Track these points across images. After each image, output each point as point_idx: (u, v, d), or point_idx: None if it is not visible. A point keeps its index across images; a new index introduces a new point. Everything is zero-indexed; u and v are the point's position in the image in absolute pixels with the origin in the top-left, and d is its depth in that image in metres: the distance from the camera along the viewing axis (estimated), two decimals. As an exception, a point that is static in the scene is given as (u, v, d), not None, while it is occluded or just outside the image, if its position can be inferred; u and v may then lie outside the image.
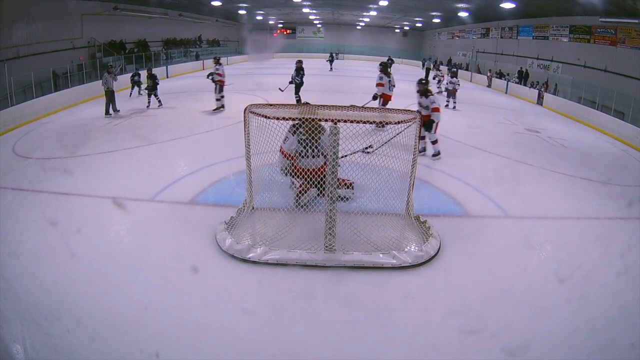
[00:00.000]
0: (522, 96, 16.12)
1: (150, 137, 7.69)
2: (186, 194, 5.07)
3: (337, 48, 31.95)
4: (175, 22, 21.10)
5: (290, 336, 2.91)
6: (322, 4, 23.49)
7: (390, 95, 7.73)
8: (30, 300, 3.14)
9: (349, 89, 13.78)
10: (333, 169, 3.59)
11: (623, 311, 3.27)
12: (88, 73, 13.10)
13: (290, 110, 4.01)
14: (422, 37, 32.26)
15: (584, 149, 8.87)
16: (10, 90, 9.52)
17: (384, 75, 7.64)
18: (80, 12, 13.93)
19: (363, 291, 3.41)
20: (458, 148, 7.81)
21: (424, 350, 2.83)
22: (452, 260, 3.84)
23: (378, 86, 7.68)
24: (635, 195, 6.05)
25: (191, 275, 3.54)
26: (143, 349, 2.72)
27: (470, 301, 3.31)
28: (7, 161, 6.50)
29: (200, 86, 14.69)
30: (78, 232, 4.13)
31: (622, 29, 12.75)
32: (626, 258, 4.12)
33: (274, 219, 4.17)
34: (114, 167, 6.19)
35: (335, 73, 18.41)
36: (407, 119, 3.88)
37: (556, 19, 16.06)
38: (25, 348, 2.47)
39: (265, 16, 28.61)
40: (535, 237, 4.53)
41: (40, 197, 5.06)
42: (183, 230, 4.23)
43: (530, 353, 2.80)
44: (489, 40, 21.83)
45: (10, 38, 10.80)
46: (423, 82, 6.58)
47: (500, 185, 5.65)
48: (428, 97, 6.49)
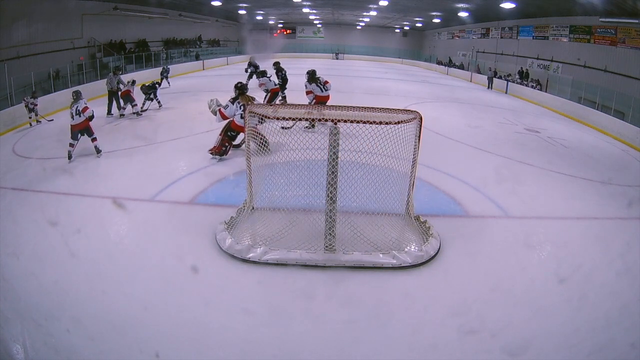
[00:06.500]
0: (522, 96, 16.13)
1: (151, 137, 7.69)
2: (186, 194, 5.07)
3: (337, 48, 31.97)
4: (175, 22, 21.09)
5: (290, 336, 2.91)
6: (322, 4, 23.49)
7: (325, 96, 7.99)
8: (30, 300, 3.14)
9: (349, 89, 13.78)
10: (333, 169, 3.60)
11: (623, 311, 3.27)
12: (88, 73, 13.11)
13: (290, 110, 4.01)
14: (422, 37, 32.24)
15: (584, 149, 8.87)
16: (10, 90, 9.53)
17: (307, 83, 8.04)
18: (80, 12, 13.93)
19: (363, 291, 3.41)
20: (458, 148, 7.81)
21: (424, 350, 2.83)
22: (452, 260, 3.84)
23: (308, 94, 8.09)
24: (635, 195, 6.05)
25: (191, 275, 3.55)
26: (143, 349, 2.72)
27: (470, 301, 3.31)
28: (7, 161, 6.50)
29: (200, 86, 14.74)
30: (78, 232, 4.13)
31: (622, 29, 12.74)
32: (626, 258, 4.12)
33: (274, 219, 4.17)
34: (114, 167, 6.19)
35: (335, 73, 18.42)
36: (407, 119, 3.88)
37: (556, 19, 16.05)
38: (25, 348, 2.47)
39: (265, 16, 28.60)
40: (535, 237, 4.53)
41: (40, 197, 5.07)
42: (183, 230, 4.23)
43: (530, 353, 2.80)
44: (489, 40, 21.83)
45: (10, 38, 10.80)
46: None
47: (500, 185, 5.66)
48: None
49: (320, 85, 7.90)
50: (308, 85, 7.97)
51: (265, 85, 8.83)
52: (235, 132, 6.32)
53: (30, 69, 10.55)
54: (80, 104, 6.28)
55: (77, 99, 6.33)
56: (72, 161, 6.30)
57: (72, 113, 6.27)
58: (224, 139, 6.33)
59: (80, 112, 6.24)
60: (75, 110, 6.25)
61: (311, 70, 8.11)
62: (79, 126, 6.31)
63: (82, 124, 6.32)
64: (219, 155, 6.29)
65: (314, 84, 7.90)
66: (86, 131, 6.43)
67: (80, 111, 6.23)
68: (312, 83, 7.93)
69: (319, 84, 7.90)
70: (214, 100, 6.94)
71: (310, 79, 7.95)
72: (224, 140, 6.33)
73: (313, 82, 7.91)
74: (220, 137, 6.37)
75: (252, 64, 12.57)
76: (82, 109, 6.24)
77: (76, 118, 6.24)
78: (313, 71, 8.06)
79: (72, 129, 6.31)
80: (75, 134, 6.33)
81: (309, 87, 7.96)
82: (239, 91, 6.43)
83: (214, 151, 6.31)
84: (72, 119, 6.28)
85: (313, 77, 7.93)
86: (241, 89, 6.46)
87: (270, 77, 9.08)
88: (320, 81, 7.92)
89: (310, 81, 7.94)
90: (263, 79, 8.94)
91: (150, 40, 18.76)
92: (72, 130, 6.31)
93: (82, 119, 6.27)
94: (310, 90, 7.97)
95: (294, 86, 10.47)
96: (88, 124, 6.38)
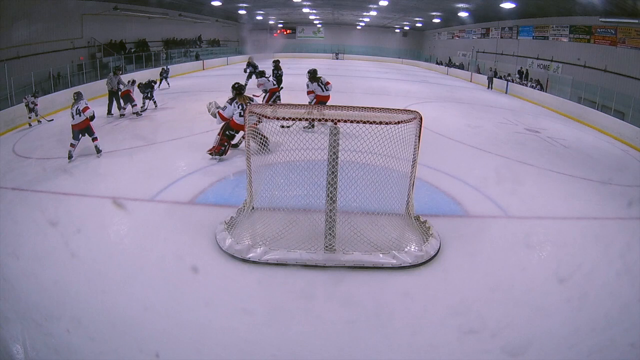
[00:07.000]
0: (522, 96, 16.14)
1: (151, 137, 7.69)
2: (186, 194, 5.07)
3: (337, 48, 31.98)
4: (175, 22, 21.10)
5: (290, 336, 2.91)
6: (322, 4, 23.50)
7: (326, 96, 7.99)
8: (30, 300, 3.14)
9: (349, 89, 13.78)
10: (333, 169, 3.60)
11: (623, 311, 3.27)
12: (88, 73, 13.11)
13: (290, 110, 4.01)
14: (422, 37, 32.25)
15: (584, 149, 8.87)
16: (10, 90, 9.53)
17: (309, 83, 8.04)
18: (80, 12, 13.93)
19: (363, 291, 3.41)
20: (458, 148, 7.81)
21: (424, 350, 2.83)
22: (452, 260, 3.84)
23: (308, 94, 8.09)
24: (635, 195, 6.05)
25: (191, 275, 3.55)
26: (143, 349, 2.72)
27: (470, 301, 3.31)
28: (7, 161, 6.51)
29: (200, 86, 14.74)
30: (78, 232, 4.13)
31: (622, 29, 12.75)
32: (626, 258, 4.13)
33: (274, 219, 4.17)
34: (114, 167, 6.19)
35: (335, 73, 18.43)
36: (407, 119, 3.88)
37: (556, 19, 16.06)
38: (25, 348, 2.47)
39: (265, 16, 28.61)
40: (535, 237, 4.53)
41: (40, 197, 5.07)
42: (183, 230, 4.23)
43: (530, 353, 2.80)
44: (489, 40, 21.84)
45: (10, 38, 10.81)
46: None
47: (500, 185, 5.66)
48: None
49: (322, 85, 7.90)
50: (310, 85, 7.96)
51: (263, 86, 8.84)
52: (234, 131, 6.34)
53: (30, 69, 10.56)
54: (80, 104, 6.29)
55: (77, 99, 6.35)
56: (72, 161, 6.30)
57: (73, 113, 6.28)
58: (222, 139, 6.35)
59: (81, 111, 6.25)
60: (75, 110, 6.26)
61: (312, 69, 8.09)
62: (79, 126, 6.32)
63: (83, 123, 6.33)
64: (218, 155, 6.31)
65: (316, 84, 7.89)
66: (87, 131, 6.44)
67: (80, 111, 6.24)
68: (313, 82, 7.92)
69: (320, 83, 7.90)
70: (213, 103, 6.97)
71: (311, 78, 7.94)
72: (223, 139, 6.34)
73: (315, 82, 7.90)
74: (219, 137, 6.39)
75: (251, 64, 12.58)
76: (82, 109, 6.25)
77: (76, 118, 6.25)
78: (314, 70, 8.04)
79: (73, 128, 6.32)
80: (76, 134, 6.34)
81: (311, 86, 7.95)
82: (236, 91, 6.47)
83: (213, 151, 6.32)
84: (72, 118, 6.29)
85: (315, 77, 7.92)
86: (238, 89, 6.50)
87: (269, 78, 9.09)
88: (322, 81, 7.92)
89: (312, 80, 7.92)
90: (261, 79, 8.95)
91: (150, 40, 18.76)
92: (73, 130, 6.33)
93: (83, 118, 6.27)
94: (311, 90, 7.96)
95: (294, 86, 10.48)
96: (89, 124, 6.39)
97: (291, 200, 4.30)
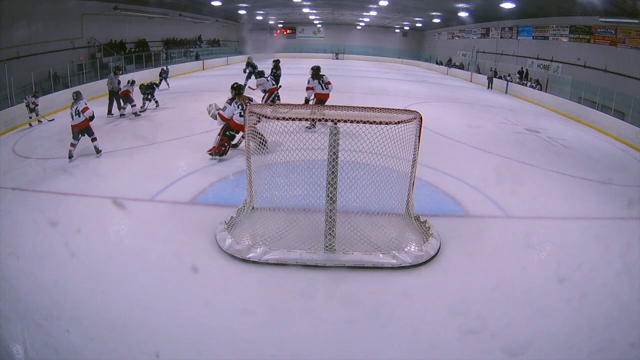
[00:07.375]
0: (522, 96, 16.14)
1: (151, 137, 7.69)
2: (186, 194, 5.07)
3: (337, 48, 31.97)
4: (175, 22, 21.10)
5: (290, 336, 2.91)
6: (322, 4, 23.49)
7: (325, 95, 7.98)
8: (30, 300, 3.14)
9: (349, 89, 13.78)
10: (333, 169, 3.60)
11: (623, 311, 3.27)
12: (88, 73, 13.11)
13: (289, 110, 4.01)
14: (422, 37, 32.25)
15: (584, 149, 8.87)
16: (10, 90, 9.53)
17: (310, 79, 8.01)
18: (80, 12, 13.93)
19: (363, 291, 3.41)
20: (458, 148, 7.81)
21: (424, 350, 2.83)
22: (452, 260, 3.84)
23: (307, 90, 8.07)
24: (635, 195, 6.05)
25: (191, 275, 3.54)
26: (143, 349, 2.72)
27: (470, 301, 3.31)
28: (7, 161, 6.51)
29: (200, 86, 14.74)
30: (78, 232, 4.13)
31: (622, 29, 12.75)
32: (626, 258, 4.13)
33: (274, 219, 4.17)
34: (114, 167, 6.19)
35: (335, 73, 18.43)
36: (407, 119, 3.88)
37: (556, 19, 16.06)
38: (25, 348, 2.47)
39: (265, 16, 28.60)
40: (535, 237, 4.53)
41: (40, 197, 5.07)
42: (183, 230, 4.23)
43: (530, 353, 2.80)
44: (489, 40, 21.83)
45: (10, 38, 10.80)
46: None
47: (500, 185, 5.65)
48: None
49: (323, 84, 7.88)
50: (311, 81, 7.92)
51: (263, 86, 8.85)
52: (234, 131, 6.35)
53: (30, 69, 10.55)
54: (80, 104, 6.29)
55: (77, 99, 6.35)
56: (72, 161, 6.30)
57: (72, 113, 6.28)
58: (222, 139, 6.35)
59: (80, 112, 6.25)
60: (75, 111, 6.26)
61: (316, 66, 8.04)
62: (79, 126, 6.32)
63: (82, 124, 6.33)
64: (218, 155, 6.31)
65: (317, 81, 7.87)
66: (86, 131, 6.44)
67: (80, 111, 6.24)
68: (315, 79, 7.89)
69: (321, 81, 7.88)
70: (213, 105, 6.98)
71: (314, 75, 7.90)
72: (223, 140, 6.35)
73: (316, 79, 7.88)
74: (219, 137, 6.40)
75: (251, 64, 12.58)
76: (82, 109, 6.25)
77: (76, 118, 6.25)
78: (317, 67, 7.99)
79: (73, 129, 6.32)
80: (76, 134, 6.34)
81: (312, 83, 7.92)
82: (236, 92, 6.48)
83: (213, 151, 6.33)
84: (72, 119, 6.29)
85: (317, 74, 7.88)
86: (237, 90, 6.51)
87: (269, 78, 9.09)
88: (324, 80, 7.89)
89: (314, 77, 7.89)
90: (261, 79, 8.95)
91: (150, 40, 18.76)
92: (73, 130, 6.33)
93: (82, 119, 6.27)
94: (311, 87, 7.93)
95: (293, 85, 10.47)
96: (88, 124, 6.39)
97: (291, 200, 4.30)
